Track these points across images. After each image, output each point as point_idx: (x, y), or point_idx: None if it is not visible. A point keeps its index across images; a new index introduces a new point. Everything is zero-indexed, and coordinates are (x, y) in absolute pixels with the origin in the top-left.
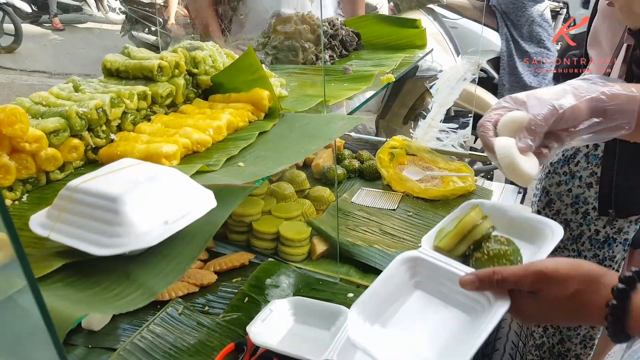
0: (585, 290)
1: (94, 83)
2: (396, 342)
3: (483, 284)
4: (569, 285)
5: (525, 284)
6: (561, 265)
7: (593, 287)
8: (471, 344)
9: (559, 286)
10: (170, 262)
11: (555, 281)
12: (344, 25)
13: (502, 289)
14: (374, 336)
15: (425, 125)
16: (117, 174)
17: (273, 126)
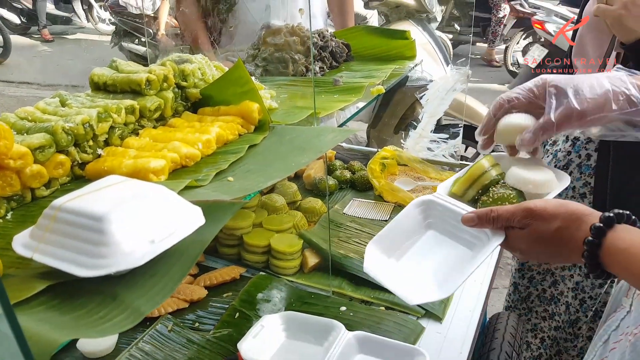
0: (568, 226)
1: (81, 97)
2: (406, 273)
3: (481, 221)
4: (553, 221)
5: (515, 220)
6: (549, 204)
7: (575, 224)
8: (465, 270)
9: (544, 222)
10: (157, 281)
11: (541, 217)
12: (333, 36)
13: (497, 225)
14: (386, 267)
15: (416, 135)
16: (103, 192)
17: (263, 139)
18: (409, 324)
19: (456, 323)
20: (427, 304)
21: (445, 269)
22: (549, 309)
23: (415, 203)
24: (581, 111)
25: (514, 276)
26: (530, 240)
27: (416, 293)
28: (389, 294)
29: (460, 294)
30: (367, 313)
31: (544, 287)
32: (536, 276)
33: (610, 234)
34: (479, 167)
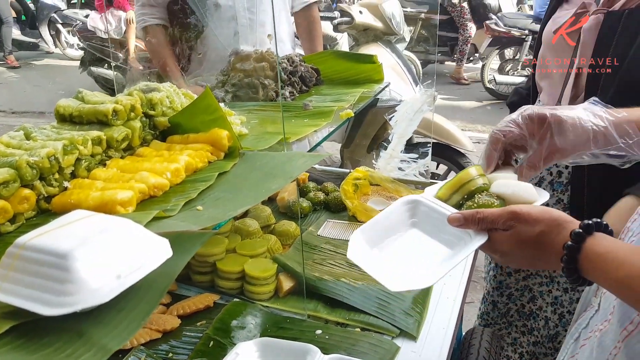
0: (549, 231)
1: (47, 130)
2: (388, 263)
3: (467, 222)
4: (536, 225)
5: (500, 222)
6: (534, 209)
7: (557, 230)
8: (448, 263)
9: (527, 225)
10: (125, 317)
11: (525, 221)
12: (303, 61)
13: (482, 227)
14: (370, 256)
15: (386, 155)
16: (67, 228)
17: (233, 166)
18: (384, 345)
19: (431, 341)
20: (398, 319)
21: (426, 264)
22: (527, 324)
23: (403, 201)
24: (564, 149)
25: (491, 294)
26: (513, 243)
27: (397, 281)
28: (364, 314)
29: (434, 311)
30: (343, 335)
31: (522, 302)
32: (514, 293)
33: (589, 240)
34: (467, 174)
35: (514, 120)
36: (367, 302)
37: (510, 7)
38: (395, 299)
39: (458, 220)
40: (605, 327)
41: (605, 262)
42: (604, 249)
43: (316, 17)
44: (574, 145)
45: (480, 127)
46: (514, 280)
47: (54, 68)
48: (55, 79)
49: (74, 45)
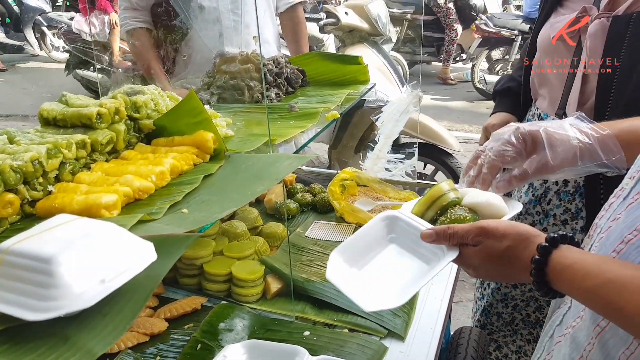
0: (516, 246)
1: (30, 133)
2: (365, 282)
3: (439, 237)
4: (504, 240)
5: (469, 237)
6: (501, 224)
7: (524, 244)
8: (418, 282)
9: (495, 240)
10: (110, 321)
11: (493, 236)
12: (288, 63)
13: (453, 242)
14: (348, 276)
15: (373, 156)
16: (51, 233)
17: (219, 168)
18: (372, 345)
19: (418, 341)
20: (386, 319)
21: (402, 281)
22: (533, 332)
23: (380, 217)
24: (554, 165)
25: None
26: (482, 257)
27: (372, 301)
28: (352, 315)
29: (421, 311)
30: (331, 336)
31: (528, 312)
32: (520, 303)
33: (555, 252)
34: (438, 190)
35: (508, 142)
36: (355, 303)
37: (495, 8)
38: None
39: (430, 237)
40: (578, 323)
41: (572, 273)
42: (570, 261)
43: (301, 17)
44: (562, 160)
45: (467, 127)
46: (519, 292)
47: (40, 71)
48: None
49: (60, 48)
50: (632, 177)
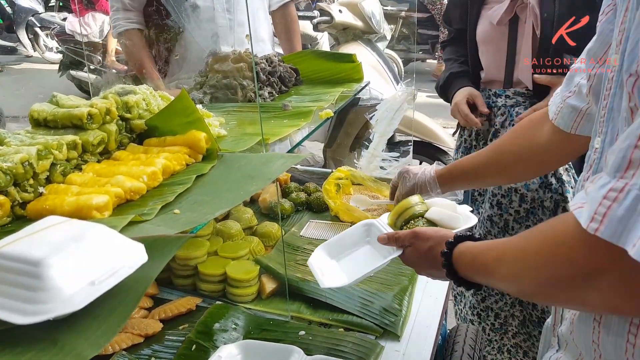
0: (436, 245)
1: (21, 135)
2: (337, 270)
3: (390, 240)
4: (428, 241)
5: (405, 240)
6: (429, 229)
7: (441, 244)
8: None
9: (422, 242)
10: (101, 323)
11: (420, 238)
12: (282, 61)
13: (399, 244)
14: (326, 265)
15: (368, 155)
16: (40, 235)
17: (211, 168)
18: (367, 344)
19: (414, 339)
20: (382, 318)
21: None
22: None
23: (361, 224)
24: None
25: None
26: (415, 256)
27: (328, 281)
28: (347, 314)
29: (417, 310)
30: (326, 336)
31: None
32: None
33: (458, 245)
34: (406, 203)
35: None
36: (350, 302)
37: None
38: (378, 298)
39: (383, 240)
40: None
41: (464, 256)
42: (467, 249)
43: (294, 15)
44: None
45: None
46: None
47: (33, 72)
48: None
49: (53, 48)
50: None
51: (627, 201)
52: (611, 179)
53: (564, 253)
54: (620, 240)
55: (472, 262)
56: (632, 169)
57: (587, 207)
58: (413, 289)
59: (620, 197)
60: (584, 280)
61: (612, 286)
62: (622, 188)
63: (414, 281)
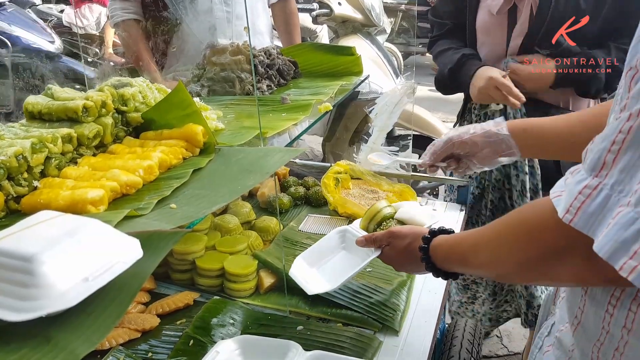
0: (413, 241)
1: (15, 128)
2: (317, 276)
3: (367, 242)
4: (405, 239)
5: (384, 240)
6: (405, 228)
7: (417, 240)
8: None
9: (399, 240)
10: (94, 320)
11: (397, 237)
12: (280, 54)
13: (377, 245)
14: (308, 273)
15: (367, 149)
16: (33, 230)
17: (208, 162)
18: (366, 339)
19: (413, 334)
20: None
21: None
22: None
23: (336, 231)
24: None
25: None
26: (393, 254)
27: (314, 287)
28: (345, 309)
29: (416, 305)
30: (324, 331)
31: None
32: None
33: (434, 240)
34: (375, 208)
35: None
36: (349, 297)
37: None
38: (377, 293)
39: (361, 242)
40: (565, 327)
41: (440, 248)
42: (442, 242)
43: (293, 8)
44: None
45: None
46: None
47: None
48: None
49: None
50: None
51: (599, 199)
52: (587, 175)
53: (542, 234)
54: (590, 232)
55: (448, 253)
56: (605, 169)
57: (564, 197)
58: (412, 284)
59: (593, 194)
60: (558, 258)
61: (582, 262)
62: (595, 186)
63: (412, 276)
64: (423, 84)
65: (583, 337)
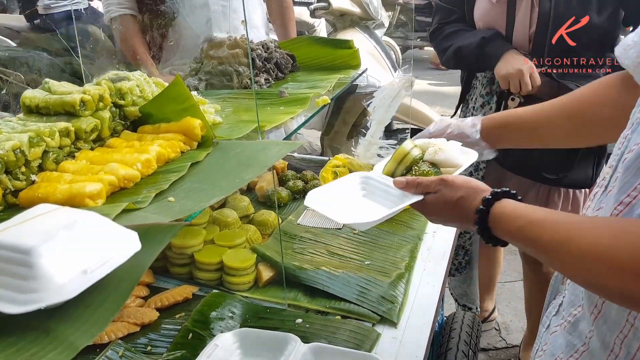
0: (467, 197)
1: (12, 122)
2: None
3: (409, 185)
4: (458, 191)
5: (431, 187)
6: (459, 178)
7: (473, 196)
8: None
9: (450, 190)
10: (93, 312)
11: (449, 186)
12: (278, 47)
13: (418, 190)
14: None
15: (365, 142)
16: (31, 223)
17: (206, 155)
18: (364, 332)
19: (411, 327)
20: (379, 305)
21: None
22: None
23: (356, 175)
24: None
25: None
26: (439, 203)
27: (346, 217)
28: (344, 302)
29: (414, 297)
30: (323, 324)
31: None
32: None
33: (496, 204)
34: (402, 150)
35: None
36: (347, 290)
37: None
38: (375, 286)
39: (401, 183)
40: (580, 312)
41: (508, 218)
42: (507, 209)
43: (289, 2)
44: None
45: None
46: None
47: None
48: None
49: None
50: (610, 166)
51: None
52: None
53: None
54: None
55: (517, 231)
56: None
57: None
58: (410, 276)
59: None
60: None
61: None
62: None
63: (410, 269)
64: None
65: (604, 327)
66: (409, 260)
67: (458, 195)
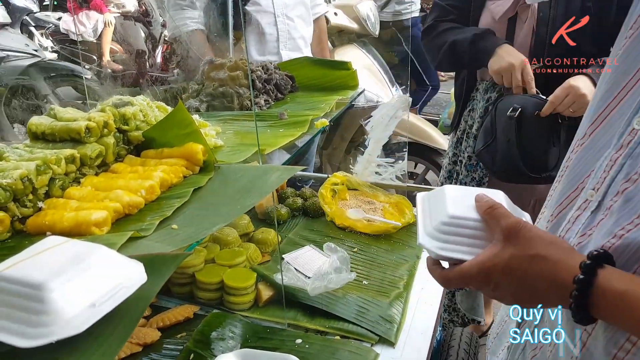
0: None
1: (20, 149)
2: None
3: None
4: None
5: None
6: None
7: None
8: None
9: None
10: (101, 343)
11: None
12: (277, 68)
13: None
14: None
15: (364, 160)
16: (41, 257)
17: (208, 180)
18: (362, 352)
19: (409, 347)
20: (377, 325)
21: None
22: None
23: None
24: None
25: None
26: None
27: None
28: (343, 322)
29: (412, 317)
30: (322, 344)
31: None
32: None
33: (601, 273)
34: None
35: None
36: (346, 310)
37: None
38: (374, 306)
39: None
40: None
41: (628, 301)
42: (623, 285)
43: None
44: None
45: None
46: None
47: None
48: None
49: (48, 47)
50: (595, 189)
51: None
52: None
53: None
54: None
55: (630, 314)
56: None
57: None
58: (408, 295)
59: None
60: None
61: None
62: None
63: (409, 288)
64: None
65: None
66: (408, 279)
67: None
